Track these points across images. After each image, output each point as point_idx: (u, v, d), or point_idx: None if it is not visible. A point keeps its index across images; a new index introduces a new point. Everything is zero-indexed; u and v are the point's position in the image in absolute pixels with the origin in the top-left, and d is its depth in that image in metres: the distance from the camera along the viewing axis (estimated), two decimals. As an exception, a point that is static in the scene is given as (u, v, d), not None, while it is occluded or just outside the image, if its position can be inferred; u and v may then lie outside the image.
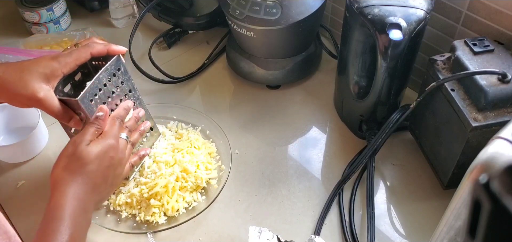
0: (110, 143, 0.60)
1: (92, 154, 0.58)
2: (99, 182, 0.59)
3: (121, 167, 0.63)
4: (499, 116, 0.61)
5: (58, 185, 0.56)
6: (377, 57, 0.68)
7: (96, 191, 0.59)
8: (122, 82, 0.67)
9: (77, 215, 0.55)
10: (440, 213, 0.50)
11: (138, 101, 0.71)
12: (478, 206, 0.36)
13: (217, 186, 0.73)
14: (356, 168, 0.74)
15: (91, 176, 0.58)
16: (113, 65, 0.65)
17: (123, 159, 0.63)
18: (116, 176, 0.62)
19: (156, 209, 0.69)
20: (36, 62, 0.61)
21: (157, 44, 1.02)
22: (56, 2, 1.03)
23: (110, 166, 0.60)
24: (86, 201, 0.57)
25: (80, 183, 0.57)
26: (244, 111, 0.88)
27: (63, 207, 0.54)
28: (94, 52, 0.65)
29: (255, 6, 0.78)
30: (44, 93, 0.60)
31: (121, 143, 0.63)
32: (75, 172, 0.57)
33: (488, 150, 0.39)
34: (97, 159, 0.58)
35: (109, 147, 0.60)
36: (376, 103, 0.75)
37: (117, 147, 0.61)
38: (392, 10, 0.66)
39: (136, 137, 0.67)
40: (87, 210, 0.57)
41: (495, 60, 0.64)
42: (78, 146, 0.58)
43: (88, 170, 0.57)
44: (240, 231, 0.69)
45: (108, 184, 0.61)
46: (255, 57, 0.88)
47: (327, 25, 1.01)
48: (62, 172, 0.57)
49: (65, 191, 0.56)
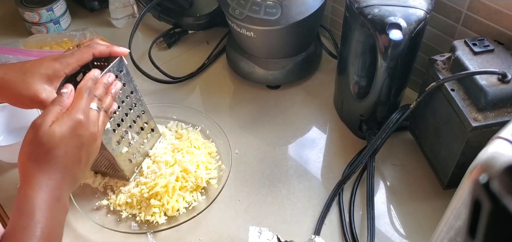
0: (76, 118, 0.54)
1: (56, 136, 0.52)
2: (70, 165, 0.54)
3: (96, 141, 0.57)
4: (499, 116, 0.61)
5: (24, 175, 0.52)
6: (377, 57, 0.68)
7: (68, 174, 0.54)
8: (124, 83, 0.67)
9: (49, 206, 0.51)
10: (440, 213, 0.50)
11: (140, 102, 0.71)
12: (478, 206, 0.36)
13: (217, 186, 0.73)
14: (356, 168, 0.74)
15: (59, 161, 0.53)
16: (115, 67, 0.65)
17: (96, 132, 0.57)
18: (91, 152, 0.57)
19: (157, 209, 0.69)
20: (38, 63, 0.60)
21: (157, 44, 1.03)
22: (56, 2, 1.03)
23: (80, 145, 0.55)
24: (58, 188, 0.53)
25: (48, 171, 0.52)
26: (244, 111, 0.88)
27: (32, 199, 0.50)
28: (96, 53, 0.64)
29: (255, 6, 0.78)
30: (47, 95, 0.59)
31: (91, 114, 0.56)
32: (40, 160, 0.52)
33: (488, 150, 0.39)
34: (63, 141, 0.53)
35: (75, 124, 0.54)
36: (376, 103, 0.75)
37: (86, 122, 0.55)
38: (392, 10, 0.66)
39: (108, 102, 0.60)
40: (60, 197, 0.53)
41: (495, 60, 0.64)
42: (39, 129, 0.52)
43: (54, 155, 0.52)
44: (240, 231, 0.69)
45: (82, 163, 0.56)
46: (255, 57, 0.88)
47: (327, 25, 1.01)
48: (27, 161, 0.52)
49: (32, 182, 0.51)
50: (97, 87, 0.60)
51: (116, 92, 0.63)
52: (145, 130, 0.73)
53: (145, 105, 0.72)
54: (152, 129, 0.74)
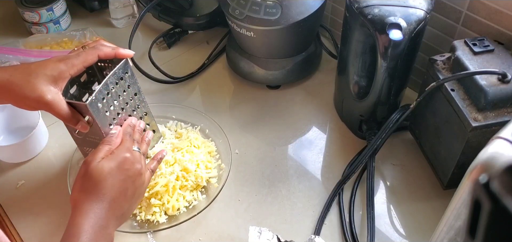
0: (123, 156, 0.60)
1: (105, 170, 0.57)
2: (117, 196, 0.58)
3: (140, 177, 0.62)
4: (499, 116, 0.61)
5: (75, 206, 0.56)
6: (377, 57, 0.68)
7: (114, 205, 0.58)
8: (128, 85, 0.67)
9: (95, 232, 0.55)
10: (440, 213, 0.50)
11: (143, 103, 0.71)
12: (478, 206, 0.36)
13: (217, 185, 0.73)
14: (356, 168, 0.74)
15: (107, 191, 0.57)
16: (121, 69, 0.65)
17: (141, 169, 0.62)
18: (137, 187, 0.61)
19: (157, 208, 0.69)
20: (44, 65, 0.61)
21: (157, 44, 1.03)
22: (56, 2, 1.03)
23: (127, 179, 0.59)
24: (105, 217, 0.56)
25: (96, 201, 0.56)
26: (244, 111, 0.88)
27: (80, 224, 0.54)
28: (102, 54, 0.65)
29: (255, 6, 0.78)
30: (52, 96, 0.59)
31: (135, 154, 0.62)
32: (90, 191, 0.57)
33: (488, 150, 0.39)
34: (110, 174, 0.58)
35: (122, 160, 0.59)
36: (376, 103, 0.75)
37: (132, 159, 0.60)
38: (392, 10, 0.67)
39: (144, 148, 0.67)
40: (106, 226, 0.56)
41: (495, 60, 0.64)
42: (89, 165, 0.58)
43: (103, 186, 0.57)
44: (240, 231, 0.69)
45: (128, 196, 0.60)
46: (255, 57, 0.88)
47: (327, 25, 1.01)
48: (78, 193, 0.57)
49: (82, 210, 0.55)
50: (135, 132, 0.66)
51: (150, 140, 0.69)
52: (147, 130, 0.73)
53: (148, 107, 0.72)
54: (153, 130, 0.74)
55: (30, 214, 0.72)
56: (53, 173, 0.77)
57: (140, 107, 0.70)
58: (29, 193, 0.75)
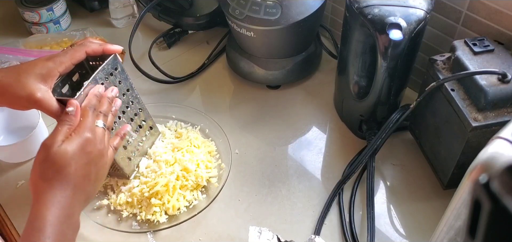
0: (85, 137, 0.57)
1: (67, 155, 0.54)
2: (81, 181, 0.56)
3: (103, 157, 0.59)
4: (499, 116, 0.61)
5: (37, 194, 0.54)
6: (377, 57, 0.68)
7: (79, 191, 0.56)
8: (119, 81, 0.67)
9: (61, 222, 0.53)
10: (440, 213, 0.50)
11: (136, 100, 0.71)
12: (478, 206, 0.36)
13: (217, 185, 0.73)
14: (356, 168, 0.74)
15: (70, 178, 0.55)
16: (109, 65, 0.65)
17: (103, 149, 0.59)
18: (100, 168, 0.59)
19: (157, 208, 0.69)
20: (32, 64, 0.61)
21: (157, 44, 1.03)
22: (56, 2, 1.03)
23: (90, 162, 0.57)
24: (69, 205, 0.54)
25: (60, 189, 0.54)
26: (244, 111, 0.88)
27: (43, 216, 0.52)
28: (89, 51, 0.64)
29: (255, 6, 0.78)
30: (42, 94, 0.59)
31: (98, 132, 0.59)
32: (52, 179, 0.54)
33: (488, 150, 0.39)
34: (73, 158, 0.55)
35: (84, 142, 0.56)
36: (376, 103, 0.75)
37: (93, 139, 0.58)
38: (392, 10, 0.67)
39: (110, 120, 0.63)
40: (72, 214, 0.55)
41: (495, 60, 0.64)
42: (50, 148, 0.54)
43: (66, 173, 0.54)
44: (240, 231, 0.69)
45: (92, 180, 0.58)
46: (255, 57, 0.88)
47: (327, 25, 1.01)
48: (39, 180, 0.55)
49: (44, 200, 0.53)
50: (102, 103, 0.62)
51: (116, 109, 0.65)
52: (144, 128, 0.73)
53: (143, 104, 0.72)
54: (150, 127, 0.74)
55: (30, 214, 0.72)
56: (53, 173, 0.77)
57: (133, 104, 0.70)
58: (29, 193, 0.74)
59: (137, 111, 0.71)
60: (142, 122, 0.73)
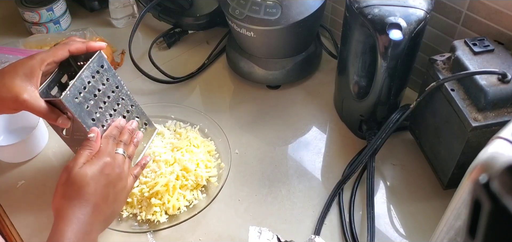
0: (104, 160, 0.60)
1: (87, 175, 0.58)
2: (99, 202, 0.58)
3: (122, 181, 0.62)
4: (499, 116, 0.61)
5: (58, 213, 0.57)
6: (377, 57, 0.68)
7: (97, 211, 0.58)
8: (107, 79, 0.67)
9: (78, 238, 0.55)
10: (440, 213, 0.50)
11: (127, 97, 0.70)
12: (478, 206, 0.36)
13: (217, 184, 0.73)
14: (356, 168, 0.74)
15: (89, 197, 0.57)
16: (95, 63, 0.65)
17: (122, 173, 0.62)
18: (118, 192, 0.62)
19: (157, 207, 0.69)
20: (14, 66, 0.62)
21: (157, 44, 1.02)
22: (56, 2, 1.03)
23: (108, 184, 0.59)
24: (88, 223, 0.57)
25: (79, 207, 0.56)
26: (244, 111, 0.88)
27: (63, 231, 0.54)
28: (72, 49, 0.65)
29: (255, 6, 0.78)
30: (28, 94, 0.60)
31: (117, 158, 0.62)
32: (72, 197, 0.57)
33: (488, 150, 0.39)
34: (93, 179, 0.58)
35: (104, 165, 0.60)
36: (376, 103, 0.75)
37: (113, 163, 0.61)
38: (392, 10, 0.67)
39: (131, 150, 0.67)
40: (89, 232, 0.57)
41: (495, 60, 0.64)
42: (71, 171, 0.58)
43: (85, 192, 0.57)
44: (240, 231, 0.69)
45: (110, 201, 0.60)
46: (255, 57, 0.88)
47: (327, 25, 1.01)
48: (60, 200, 0.57)
49: (64, 217, 0.56)
50: (123, 134, 0.66)
51: (138, 141, 0.68)
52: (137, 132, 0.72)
53: (134, 100, 0.71)
54: (145, 123, 0.73)
55: (30, 214, 0.72)
56: (53, 173, 0.77)
57: (124, 100, 0.69)
58: (29, 193, 0.75)
59: (129, 108, 0.71)
60: (136, 118, 0.72)
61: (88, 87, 0.64)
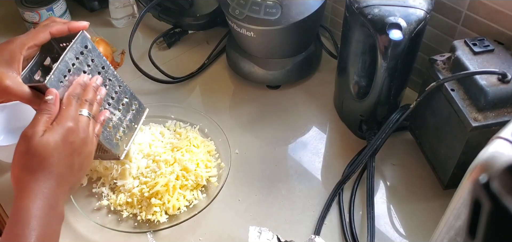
0: (67, 126, 0.55)
1: (49, 145, 0.53)
2: (64, 172, 0.55)
3: (87, 146, 0.58)
4: (499, 116, 0.61)
5: (19, 186, 0.53)
6: (377, 57, 0.68)
7: (62, 182, 0.55)
8: (92, 59, 0.64)
9: (45, 214, 0.52)
10: (440, 213, 0.50)
11: (114, 77, 0.68)
12: (478, 206, 0.36)
13: (217, 184, 0.73)
14: (356, 168, 0.74)
15: (54, 169, 0.53)
16: (78, 43, 0.62)
17: (87, 137, 0.58)
18: (84, 158, 0.58)
19: (157, 207, 0.69)
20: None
21: (157, 44, 1.02)
22: (56, 2, 1.03)
23: (73, 152, 0.55)
24: (53, 196, 0.53)
25: (42, 180, 0.53)
26: (244, 111, 0.88)
27: (27, 208, 0.51)
28: (53, 31, 0.62)
29: (255, 6, 0.78)
30: (11, 80, 0.57)
31: (81, 121, 0.58)
32: (34, 170, 0.53)
33: (488, 150, 0.39)
34: (56, 149, 0.53)
35: (67, 132, 0.55)
36: (376, 103, 0.75)
37: (76, 128, 0.56)
38: (392, 10, 0.67)
39: (95, 108, 0.61)
40: (55, 205, 0.54)
41: (495, 60, 0.64)
42: (31, 139, 0.53)
43: (48, 164, 0.53)
44: (240, 231, 0.69)
45: (76, 169, 0.57)
46: (255, 57, 0.88)
47: (327, 25, 1.01)
48: (21, 172, 0.54)
49: (27, 191, 0.52)
50: (87, 92, 0.61)
51: (101, 98, 0.63)
52: (126, 105, 0.70)
53: (121, 80, 0.69)
54: (135, 103, 0.71)
55: (30, 214, 0.71)
56: (53, 173, 0.77)
57: (111, 81, 0.67)
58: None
59: (117, 88, 0.68)
60: (125, 99, 0.70)
61: (73, 69, 0.61)
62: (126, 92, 0.70)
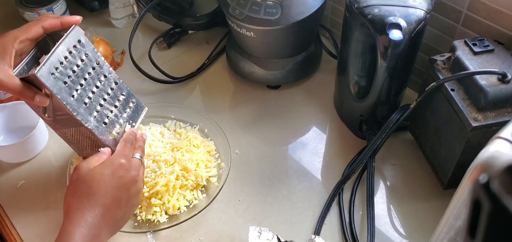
0: (118, 162, 0.59)
1: (97, 174, 0.57)
2: (110, 204, 0.57)
3: (136, 184, 0.60)
4: (499, 116, 0.61)
5: (67, 212, 0.55)
6: (377, 57, 0.68)
7: (108, 214, 0.56)
8: (86, 54, 0.64)
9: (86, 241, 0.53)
10: (440, 213, 0.50)
11: (110, 74, 0.67)
12: (478, 206, 0.36)
13: (217, 184, 0.73)
14: (356, 168, 0.74)
15: (99, 199, 0.56)
16: (71, 37, 0.62)
17: (138, 176, 0.61)
18: (131, 196, 0.60)
19: (157, 207, 0.69)
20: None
21: (157, 44, 1.03)
22: (56, 2, 1.03)
23: (121, 186, 0.58)
24: (97, 226, 0.55)
25: (88, 208, 0.55)
26: (244, 111, 0.88)
27: (71, 233, 0.53)
28: (46, 25, 0.62)
29: (255, 6, 0.78)
30: (1, 73, 0.58)
31: (133, 161, 0.62)
32: (81, 197, 0.56)
33: (488, 150, 0.39)
34: (103, 180, 0.57)
35: (117, 167, 0.58)
36: (376, 103, 0.75)
37: (128, 166, 0.60)
38: (392, 10, 0.67)
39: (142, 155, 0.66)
40: (98, 235, 0.55)
41: (495, 60, 0.64)
42: (81, 169, 0.57)
43: (94, 192, 0.56)
44: (240, 231, 0.69)
45: (122, 205, 0.58)
46: (255, 57, 0.88)
47: (327, 25, 1.01)
48: (71, 197, 0.56)
49: (73, 217, 0.54)
50: (138, 140, 0.66)
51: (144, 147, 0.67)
52: (123, 102, 0.69)
53: (118, 78, 0.68)
54: (132, 101, 0.71)
55: (30, 214, 0.72)
56: (53, 173, 0.77)
57: (107, 77, 0.66)
58: (29, 193, 0.75)
59: (113, 85, 0.67)
60: (121, 96, 0.69)
61: (65, 62, 0.61)
62: (123, 90, 0.69)
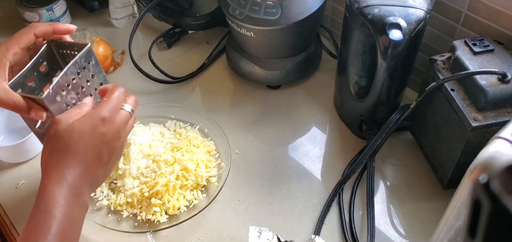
0: (100, 116, 0.54)
1: (75, 130, 0.52)
2: (91, 161, 0.53)
3: (119, 140, 0.56)
4: (499, 116, 0.61)
5: (45, 170, 0.52)
6: (377, 57, 0.68)
7: (88, 171, 0.53)
8: (92, 75, 0.62)
9: (68, 202, 0.50)
10: (440, 213, 0.50)
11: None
12: (478, 206, 0.36)
13: (217, 184, 0.73)
14: (356, 168, 0.74)
15: (79, 156, 0.52)
16: (83, 58, 0.59)
17: (121, 132, 0.56)
18: (114, 151, 0.56)
19: (157, 207, 0.69)
20: None
21: (157, 44, 1.03)
22: (56, 2, 1.03)
23: (102, 144, 0.54)
24: (77, 185, 0.52)
25: (67, 165, 0.52)
26: (244, 111, 0.88)
27: (50, 193, 0.50)
28: (37, 32, 0.60)
29: (255, 6, 0.78)
30: None
31: (121, 114, 0.56)
32: (60, 154, 0.52)
33: (488, 150, 0.39)
34: (82, 136, 0.52)
35: (98, 122, 0.53)
36: (376, 103, 0.75)
37: (111, 119, 0.55)
38: (392, 10, 0.67)
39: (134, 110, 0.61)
40: (80, 194, 0.52)
41: (495, 60, 0.64)
42: (58, 123, 0.53)
43: (74, 149, 0.52)
44: (240, 231, 0.69)
45: (104, 163, 0.55)
46: (255, 57, 0.88)
47: (327, 25, 1.01)
48: (48, 155, 0.53)
49: (52, 176, 0.51)
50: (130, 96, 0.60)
51: None
52: None
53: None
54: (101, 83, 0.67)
55: (30, 214, 0.72)
56: (53, 173, 0.77)
57: None
58: (29, 193, 0.75)
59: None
60: None
61: (72, 84, 0.59)
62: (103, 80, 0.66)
